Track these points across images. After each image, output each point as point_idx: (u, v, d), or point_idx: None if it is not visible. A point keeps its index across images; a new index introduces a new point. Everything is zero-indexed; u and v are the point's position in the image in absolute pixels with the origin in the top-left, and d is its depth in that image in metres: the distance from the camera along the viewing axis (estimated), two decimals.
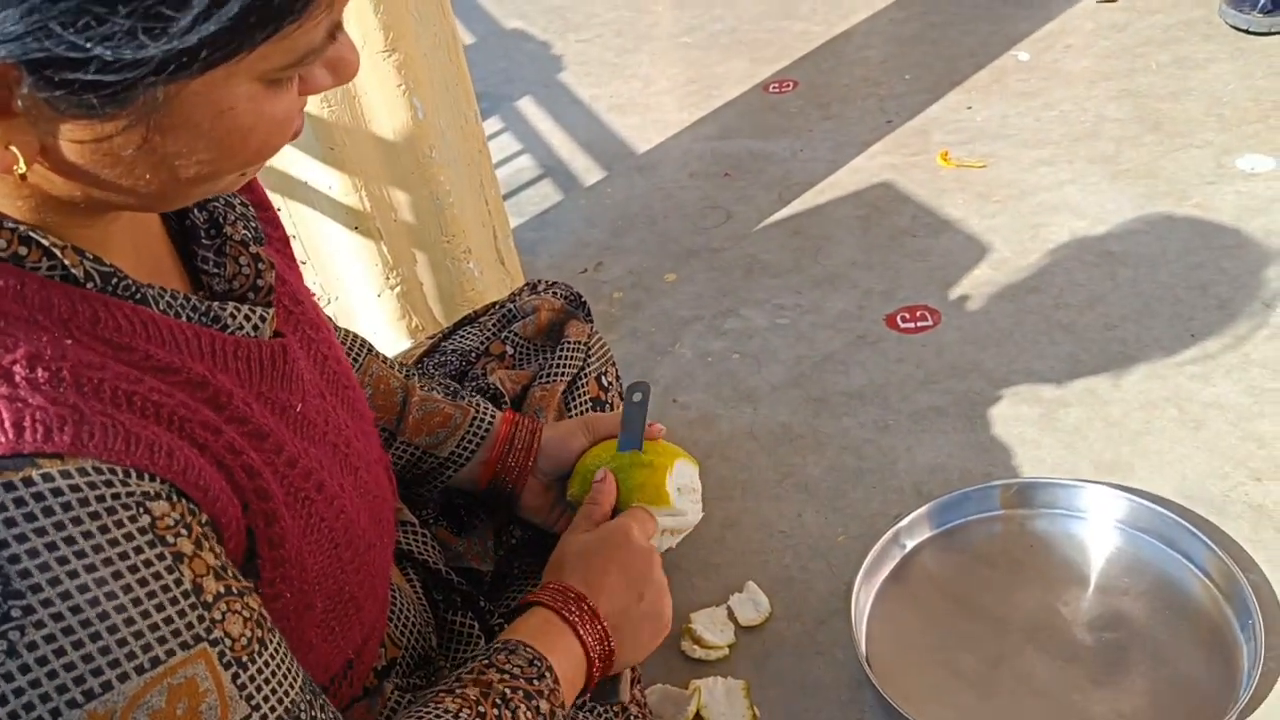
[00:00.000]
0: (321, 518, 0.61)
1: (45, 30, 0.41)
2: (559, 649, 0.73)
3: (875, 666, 1.07)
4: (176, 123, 0.46)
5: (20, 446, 0.44)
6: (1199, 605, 1.09)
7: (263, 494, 0.56)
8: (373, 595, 0.70)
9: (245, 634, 0.51)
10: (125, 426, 0.47)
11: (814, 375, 1.49)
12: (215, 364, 0.57)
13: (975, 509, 1.22)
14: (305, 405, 0.63)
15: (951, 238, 1.71)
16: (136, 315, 0.53)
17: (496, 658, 0.70)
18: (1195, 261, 1.54)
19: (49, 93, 0.43)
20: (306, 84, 0.52)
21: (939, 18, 2.42)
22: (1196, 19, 2.16)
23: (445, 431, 0.96)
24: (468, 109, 1.52)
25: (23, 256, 0.49)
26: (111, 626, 0.45)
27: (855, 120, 2.10)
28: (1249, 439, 1.25)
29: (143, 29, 0.41)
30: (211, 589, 0.49)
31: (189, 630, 0.48)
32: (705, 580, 1.23)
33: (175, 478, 0.49)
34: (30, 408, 0.44)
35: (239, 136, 0.48)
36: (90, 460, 0.45)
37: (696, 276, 1.75)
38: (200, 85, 0.45)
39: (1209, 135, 1.81)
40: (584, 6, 2.92)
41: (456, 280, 1.54)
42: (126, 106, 0.44)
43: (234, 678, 0.49)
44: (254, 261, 0.63)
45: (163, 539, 0.48)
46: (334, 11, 0.48)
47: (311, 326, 0.70)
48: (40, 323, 0.48)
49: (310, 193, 1.41)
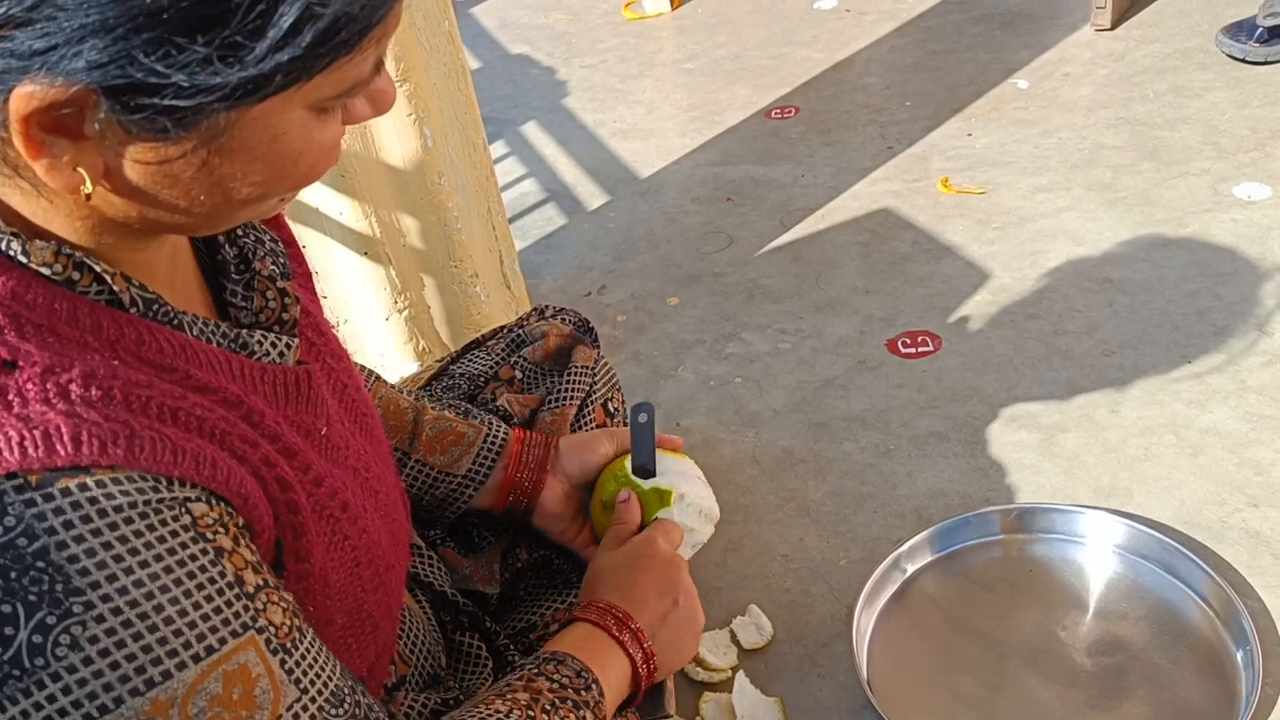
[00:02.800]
0: (345, 536, 0.64)
1: (129, 57, 0.43)
2: (604, 662, 0.77)
3: (877, 690, 1.08)
4: (235, 146, 0.49)
5: (79, 459, 0.46)
6: (1197, 631, 1.10)
7: (293, 507, 0.58)
8: (389, 614, 0.72)
9: (286, 623, 0.53)
10: (172, 440, 0.50)
11: (815, 400, 1.51)
12: (246, 386, 0.60)
13: (975, 534, 1.24)
14: (329, 429, 0.66)
15: (951, 264, 1.73)
16: (175, 339, 0.56)
17: (545, 667, 0.73)
18: (1192, 289, 1.56)
19: (123, 117, 0.45)
20: (350, 114, 0.55)
21: (939, 46, 2.46)
22: (1193, 48, 2.19)
23: (460, 449, 0.97)
24: (476, 137, 1.54)
25: (75, 281, 0.52)
26: (167, 618, 0.48)
27: (856, 147, 2.13)
28: (1246, 465, 1.27)
29: (219, 57, 0.44)
30: (252, 581, 0.52)
31: (237, 619, 0.50)
32: (707, 603, 1.22)
33: (217, 486, 0.52)
34: (87, 423, 0.47)
35: (290, 161, 0.52)
36: (137, 470, 0.48)
37: (699, 301, 1.77)
38: (259, 112, 0.48)
39: (1206, 163, 1.83)
40: (588, 33, 2.96)
41: (463, 304, 1.56)
42: (193, 130, 0.47)
43: (281, 663, 0.52)
44: (280, 296, 0.66)
45: (204, 535, 0.50)
46: (381, 47, 0.51)
47: (333, 357, 0.72)
48: (91, 344, 0.51)
49: (321, 218, 1.43)
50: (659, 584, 0.84)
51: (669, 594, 0.84)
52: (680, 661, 0.85)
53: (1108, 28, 2.33)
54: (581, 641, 0.78)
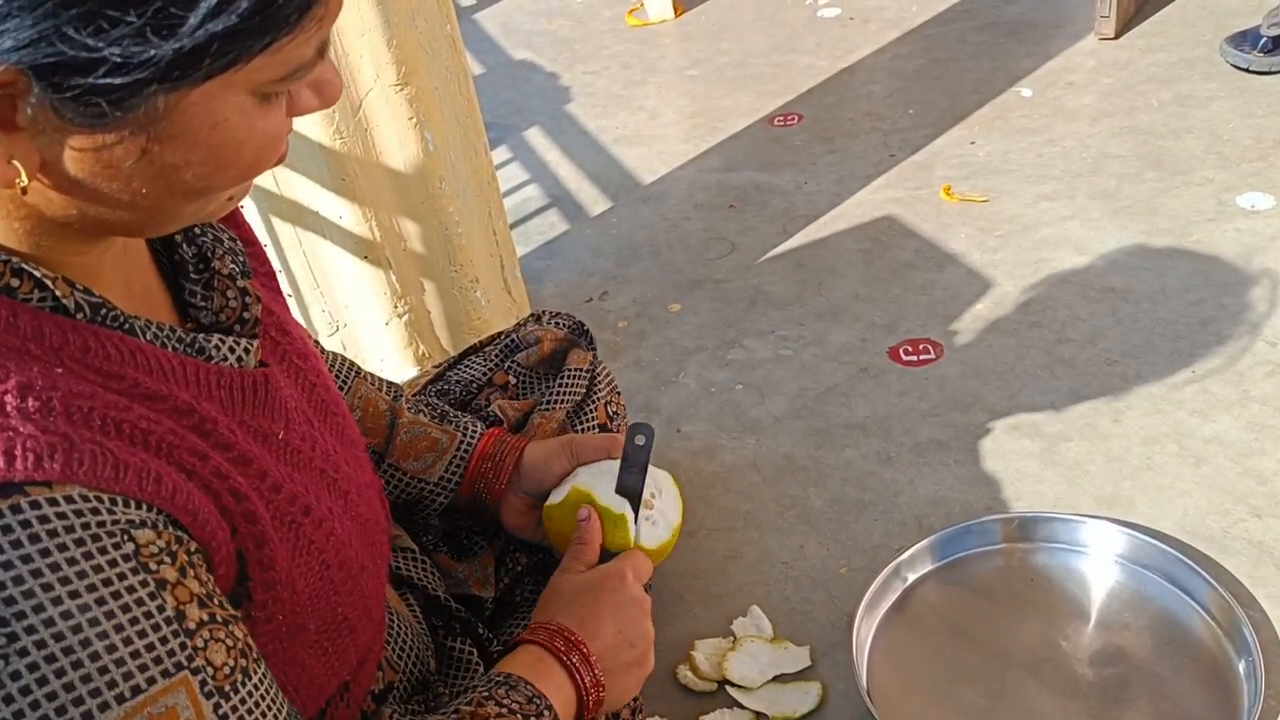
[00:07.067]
0: (310, 540, 0.62)
1: (58, 33, 0.42)
2: (553, 687, 0.73)
3: (877, 699, 1.08)
4: (175, 132, 0.48)
5: (11, 475, 0.44)
6: (1199, 641, 1.10)
7: (251, 517, 0.57)
8: (367, 617, 0.70)
9: (229, 663, 0.51)
10: (114, 454, 0.48)
11: (817, 407, 1.50)
12: (200, 392, 0.58)
13: (977, 542, 1.23)
14: (289, 432, 0.64)
15: (954, 271, 1.73)
16: (125, 345, 0.54)
17: (496, 692, 0.70)
18: (1196, 298, 1.55)
19: (56, 99, 0.44)
20: (295, 104, 0.54)
21: (942, 54, 2.45)
22: (1198, 58, 2.18)
23: (433, 456, 0.97)
24: (477, 141, 1.54)
25: (15, 288, 0.50)
26: (94, 654, 0.45)
27: (859, 154, 2.12)
28: (1249, 475, 1.26)
29: (152, 29, 0.43)
30: (195, 616, 0.50)
31: (170, 658, 0.48)
32: (706, 610, 1.23)
33: (163, 503, 0.50)
34: (21, 436, 0.45)
35: (232, 149, 0.50)
36: (78, 488, 0.46)
37: (701, 307, 1.77)
38: (198, 96, 0.47)
39: (1210, 173, 1.83)
40: (592, 39, 2.96)
41: (464, 309, 1.56)
42: (130, 114, 0.46)
43: (215, 708, 0.49)
44: (241, 295, 0.65)
45: (146, 566, 0.48)
46: (323, 28, 0.50)
47: (299, 356, 0.71)
48: (32, 352, 0.49)
49: (321, 222, 1.43)
50: (620, 621, 0.80)
51: (628, 634, 0.80)
52: (619, 703, 0.80)
53: (1112, 37, 2.32)
54: (531, 665, 0.74)
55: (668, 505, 0.94)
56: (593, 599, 0.81)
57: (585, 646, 0.77)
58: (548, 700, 0.71)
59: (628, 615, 0.81)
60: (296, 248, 1.47)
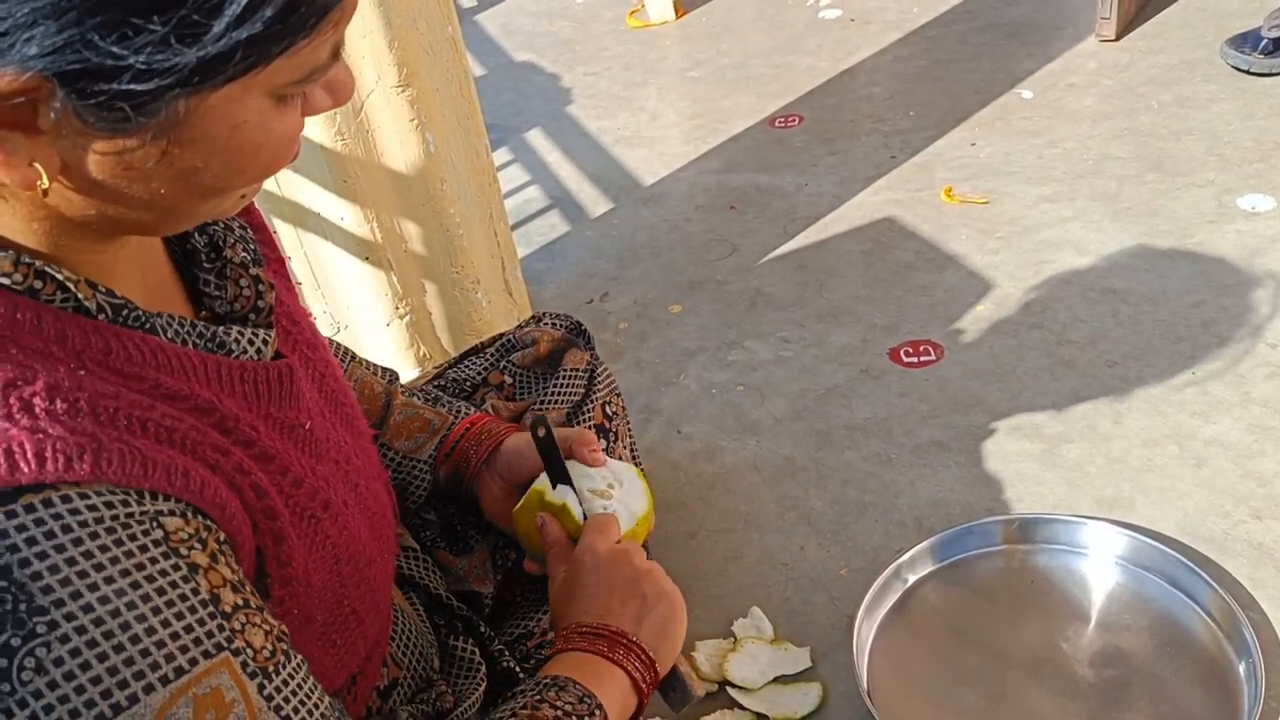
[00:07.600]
0: (326, 535, 0.63)
1: (84, 41, 0.42)
2: (603, 683, 0.74)
3: (877, 700, 1.08)
4: (195, 136, 0.48)
5: (43, 476, 0.45)
6: (1199, 642, 1.10)
7: (270, 514, 0.57)
8: (375, 609, 0.70)
9: (267, 646, 0.51)
10: (142, 452, 0.49)
11: (817, 408, 1.50)
12: (222, 389, 0.58)
13: (977, 544, 1.23)
14: (312, 423, 0.65)
15: (954, 273, 1.73)
16: (146, 345, 0.54)
17: (548, 694, 0.71)
18: (1196, 300, 1.55)
19: (79, 105, 0.44)
20: (309, 104, 0.54)
21: (943, 55, 2.46)
22: (1198, 59, 2.18)
23: (424, 436, 0.98)
24: (479, 143, 1.54)
25: (38, 290, 0.50)
26: (134, 637, 0.45)
27: (860, 155, 2.12)
28: (1250, 477, 1.26)
29: (176, 37, 0.43)
30: (230, 600, 0.50)
31: (210, 639, 0.48)
32: (707, 612, 1.23)
33: (191, 497, 0.50)
34: (51, 438, 0.46)
35: (250, 150, 0.51)
36: (106, 484, 0.47)
37: (701, 308, 1.77)
38: (218, 100, 0.47)
39: (1210, 175, 1.83)
40: (593, 40, 2.96)
41: (465, 310, 1.56)
42: (152, 119, 0.46)
43: (260, 688, 0.50)
44: (254, 283, 0.65)
45: (177, 550, 0.49)
46: (339, 31, 0.50)
47: (309, 346, 0.71)
48: (56, 355, 0.50)
49: (322, 223, 1.43)
50: (617, 584, 0.80)
51: (634, 589, 0.80)
52: (676, 644, 0.80)
53: (1112, 38, 2.33)
54: (578, 665, 0.75)
55: (630, 495, 0.94)
56: (586, 585, 0.81)
57: (624, 637, 0.77)
58: (598, 700, 0.72)
59: (619, 574, 0.80)
60: (298, 249, 1.47)
